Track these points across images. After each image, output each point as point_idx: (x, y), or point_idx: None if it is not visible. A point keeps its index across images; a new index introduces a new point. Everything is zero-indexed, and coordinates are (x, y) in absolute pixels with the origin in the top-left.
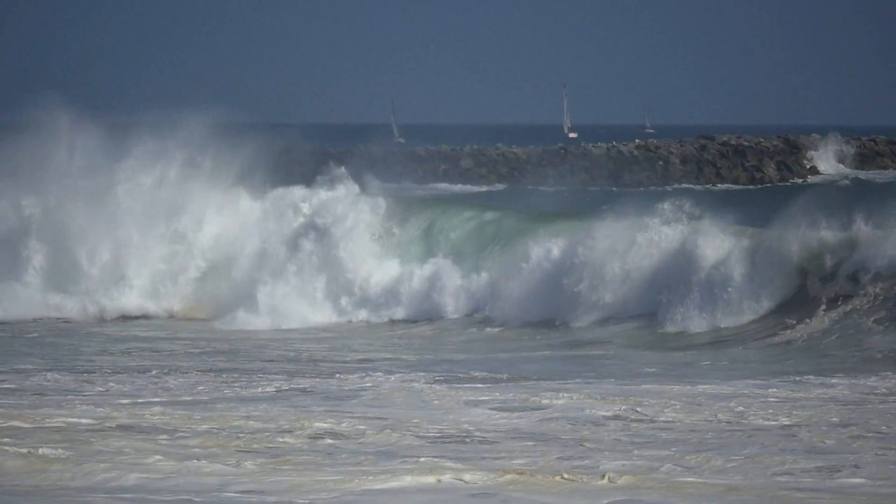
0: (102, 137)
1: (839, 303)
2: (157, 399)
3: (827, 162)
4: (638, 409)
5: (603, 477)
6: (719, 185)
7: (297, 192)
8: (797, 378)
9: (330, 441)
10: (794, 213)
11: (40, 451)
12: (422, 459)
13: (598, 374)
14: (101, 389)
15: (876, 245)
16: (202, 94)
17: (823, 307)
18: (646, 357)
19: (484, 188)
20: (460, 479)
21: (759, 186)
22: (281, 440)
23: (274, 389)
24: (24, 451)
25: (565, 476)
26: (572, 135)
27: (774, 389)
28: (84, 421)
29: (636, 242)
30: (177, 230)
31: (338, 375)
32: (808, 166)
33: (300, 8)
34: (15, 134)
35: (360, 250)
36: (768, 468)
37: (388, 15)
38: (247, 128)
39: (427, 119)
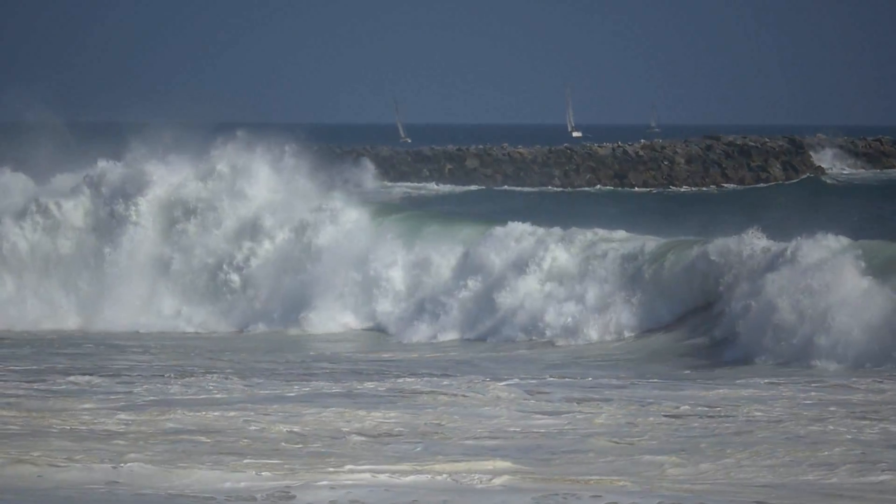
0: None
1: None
2: (194, 399)
3: (832, 162)
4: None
5: (625, 477)
6: (725, 186)
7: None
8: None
9: (359, 438)
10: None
11: (81, 452)
12: (443, 458)
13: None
14: (137, 391)
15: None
16: (206, 94)
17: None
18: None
19: (446, 188)
20: (479, 476)
21: (760, 186)
22: (306, 439)
23: (307, 391)
24: (63, 453)
25: (592, 479)
26: (576, 134)
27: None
28: (123, 423)
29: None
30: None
31: (370, 377)
32: (813, 166)
33: (303, 9)
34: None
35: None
36: (802, 465)
37: (391, 15)
38: (250, 128)
39: (431, 119)
